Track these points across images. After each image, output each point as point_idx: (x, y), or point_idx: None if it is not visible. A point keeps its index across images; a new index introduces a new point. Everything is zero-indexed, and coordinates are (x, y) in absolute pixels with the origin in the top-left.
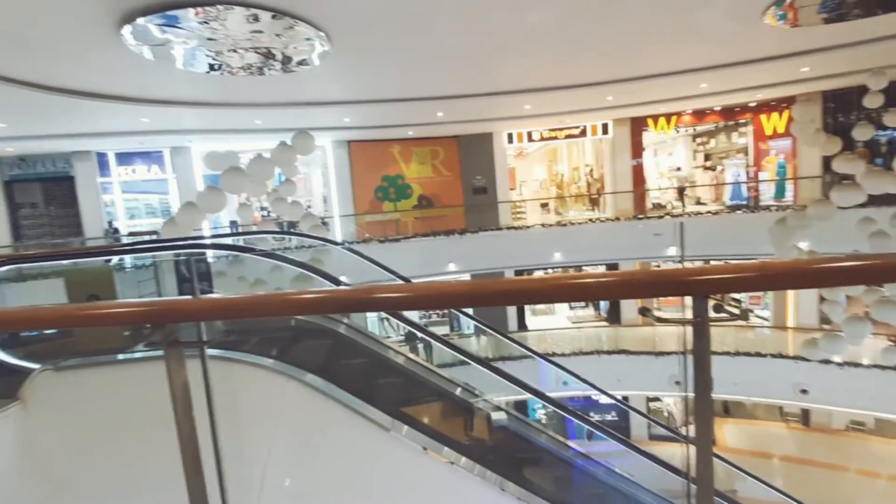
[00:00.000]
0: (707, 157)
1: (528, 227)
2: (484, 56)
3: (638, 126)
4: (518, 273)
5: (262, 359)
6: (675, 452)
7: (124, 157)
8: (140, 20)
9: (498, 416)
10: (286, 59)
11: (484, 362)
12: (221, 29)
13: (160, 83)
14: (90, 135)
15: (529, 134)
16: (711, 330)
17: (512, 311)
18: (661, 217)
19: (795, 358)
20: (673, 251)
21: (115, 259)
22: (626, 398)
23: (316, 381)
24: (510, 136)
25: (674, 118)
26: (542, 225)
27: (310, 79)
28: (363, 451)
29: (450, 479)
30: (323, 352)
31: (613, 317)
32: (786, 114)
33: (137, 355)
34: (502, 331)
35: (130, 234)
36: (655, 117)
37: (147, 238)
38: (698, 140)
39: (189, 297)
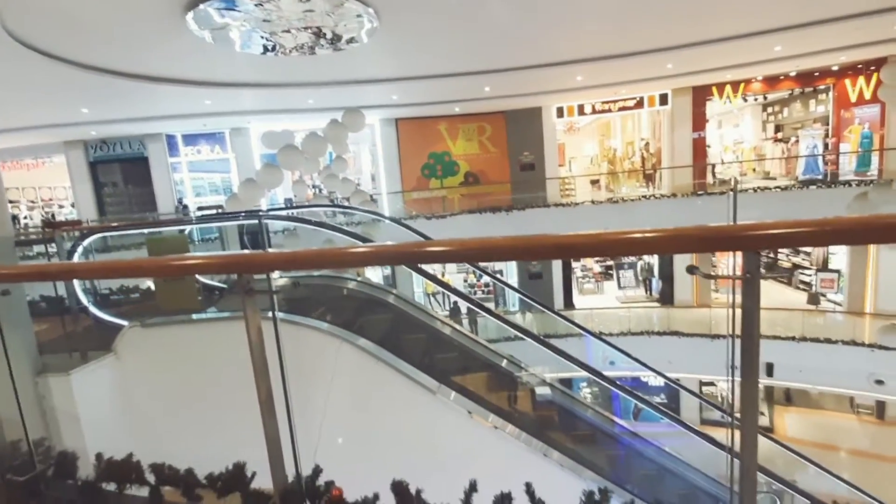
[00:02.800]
0: (779, 129)
1: (576, 203)
2: (534, 26)
3: (701, 96)
4: None
5: (319, 322)
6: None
7: (190, 139)
8: (202, 5)
9: (542, 390)
10: (336, 38)
11: (532, 335)
12: (275, 10)
13: (221, 66)
14: (160, 118)
15: (581, 107)
16: (776, 314)
17: (559, 288)
18: (722, 193)
19: (871, 346)
20: None
21: (187, 233)
22: (677, 381)
23: (368, 344)
24: (560, 110)
25: (742, 86)
26: (592, 202)
27: (359, 57)
28: (411, 410)
29: (494, 442)
30: (373, 319)
31: (666, 297)
32: (874, 77)
33: (207, 316)
34: (543, 308)
35: (199, 208)
36: (721, 85)
37: (216, 213)
38: (769, 109)
39: (261, 251)
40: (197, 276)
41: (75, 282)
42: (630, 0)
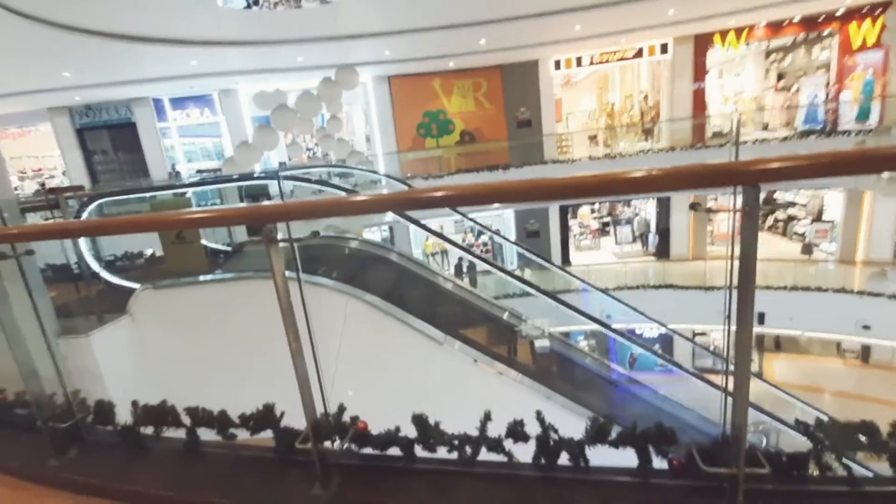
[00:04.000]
0: (781, 77)
1: (573, 160)
2: None
3: (702, 44)
4: (563, 209)
5: (324, 279)
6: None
7: (178, 102)
8: None
9: (542, 342)
10: None
11: (537, 287)
12: None
13: (205, 23)
14: (145, 80)
15: (579, 59)
16: (769, 266)
17: (556, 245)
18: (721, 146)
19: (860, 293)
20: None
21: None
22: (674, 330)
23: (375, 300)
24: (557, 63)
25: (745, 32)
26: (590, 158)
27: (348, 9)
28: (419, 361)
29: (499, 386)
30: (377, 276)
31: (662, 252)
32: (880, 21)
33: (215, 277)
34: (546, 263)
35: (198, 171)
36: (724, 32)
37: (218, 175)
38: (772, 57)
39: (282, 202)
40: (203, 241)
41: (84, 248)
42: None
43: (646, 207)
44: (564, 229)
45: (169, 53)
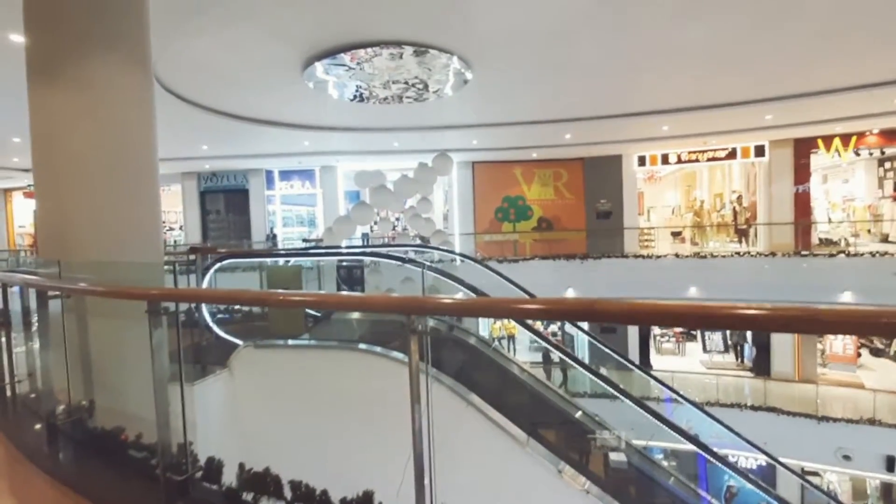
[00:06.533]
0: None
1: (658, 256)
2: (624, 75)
3: (804, 148)
4: None
5: (398, 353)
6: None
7: (285, 174)
8: (317, 63)
9: (618, 456)
10: (425, 88)
11: (625, 392)
12: (381, 66)
13: (320, 112)
14: (264, 155)
15: (665, 156)
16: (829, 390)
17: (634, 346)
18: (832, 255)
19: None
20: (848, 297)
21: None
22: (770, 464)
23: (457, 385)
24: (642, 159)
25: (854, 139)
26: (676, 255)
27: (445, 105)
28: (496, 461)
29: None
30: (456, 359)
31: (761, 367)
32: None
33: (308, 343)
34: (626, 365)
35: (304, 239)
36: (828, 138)
37: (326, 246)
38: (887, 165)
39: (426, 296)
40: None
41: (203, 305)
42: (728, 50)
43: None
44: (644, 328)
45: (289, 134)
